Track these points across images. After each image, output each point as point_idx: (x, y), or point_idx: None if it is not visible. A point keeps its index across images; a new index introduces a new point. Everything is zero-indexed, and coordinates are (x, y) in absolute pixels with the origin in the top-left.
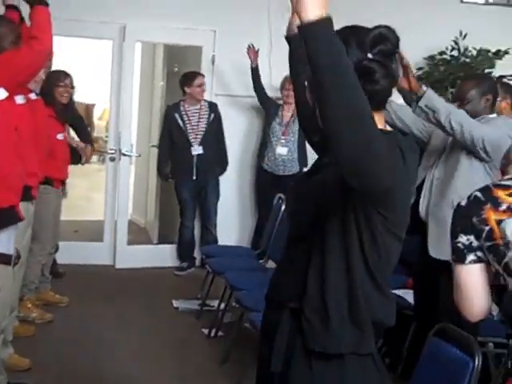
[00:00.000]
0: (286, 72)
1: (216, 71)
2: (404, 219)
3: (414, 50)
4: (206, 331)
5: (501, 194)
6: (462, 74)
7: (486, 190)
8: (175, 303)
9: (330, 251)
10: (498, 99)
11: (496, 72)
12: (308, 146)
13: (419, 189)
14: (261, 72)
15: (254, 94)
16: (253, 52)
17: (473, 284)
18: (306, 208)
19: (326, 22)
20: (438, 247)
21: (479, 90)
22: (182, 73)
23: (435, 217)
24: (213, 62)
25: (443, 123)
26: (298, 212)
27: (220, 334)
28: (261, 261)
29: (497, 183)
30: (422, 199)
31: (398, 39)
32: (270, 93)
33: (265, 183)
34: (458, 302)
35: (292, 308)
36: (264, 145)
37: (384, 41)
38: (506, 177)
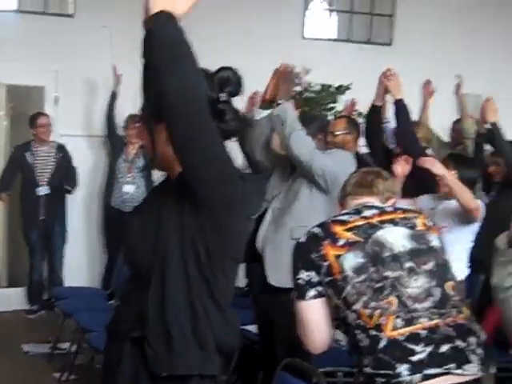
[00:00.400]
0: (130, 111)
1: (60, 111)
2: (239, 241)
3: (259, 87)
4: (57, 375)
5: (338, 229)
6: (307, 109)
7: (324, 226)
8: (25, 347)
9: (168, 276)
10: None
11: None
12: (155, 181)
13: (259, 219)
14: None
15: (99, 133)
16: (117, 73)
17: (314, 319)
18: (143, 239)
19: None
20: (275, 273)
21: (309, 132)
22: (26, 113)
23: (272, 243)
24: (56, 102)
25: (285, 135)
26: (136, 244)
27: (72, 377)
28: (111, 301)
29: (335, 219)
30: (260, 230)
31: (240, 79)
32: None
33: (113, 221)
34: (301, 337)
35: (134, 337)
36: (110, 181)
37: (231, 82)
38: (344, 211)
